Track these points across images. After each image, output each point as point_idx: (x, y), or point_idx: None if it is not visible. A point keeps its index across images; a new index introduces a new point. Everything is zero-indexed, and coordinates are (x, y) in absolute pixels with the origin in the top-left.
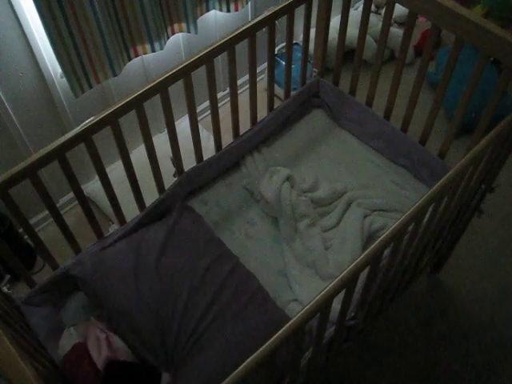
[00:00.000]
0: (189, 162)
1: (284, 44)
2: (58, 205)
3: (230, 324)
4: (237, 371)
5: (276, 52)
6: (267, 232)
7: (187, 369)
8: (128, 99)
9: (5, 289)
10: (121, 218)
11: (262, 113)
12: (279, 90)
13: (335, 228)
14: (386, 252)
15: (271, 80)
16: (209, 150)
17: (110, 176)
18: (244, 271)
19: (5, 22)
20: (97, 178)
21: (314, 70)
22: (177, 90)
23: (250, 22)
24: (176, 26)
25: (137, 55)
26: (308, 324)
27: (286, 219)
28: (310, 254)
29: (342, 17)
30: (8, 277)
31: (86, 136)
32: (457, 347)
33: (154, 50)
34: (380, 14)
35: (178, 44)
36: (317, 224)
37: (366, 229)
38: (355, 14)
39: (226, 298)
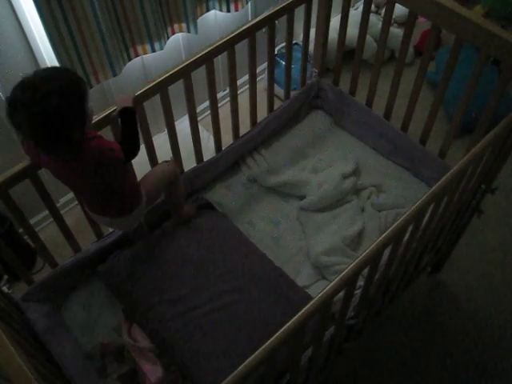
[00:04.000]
0: (189, 163)
1: (284, 44)
2: (57, 205)
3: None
4: (238, 370)
5: (276, 52)
6: (267, 233)
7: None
8: None
9: (5, 288)
10: None
11: (262, 113)
12: (279, 90)
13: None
14: (387, 252)
15: (271, 80)
16: (209, 150)
17: None
18: (265, 259)
19: (5, 22)
20: None
21: (314, 70)
22: (177, 90)
23: (250, 21)
24: (176, 26)
25: (137, 55)
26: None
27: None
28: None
29: (341, 17)
30: (6, 277)
31: None
32: (456, 347)
33: (154, 50)
34: (380, 14)
35: (178, 44)
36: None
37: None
38: (355, 13)
39: (250, 283)
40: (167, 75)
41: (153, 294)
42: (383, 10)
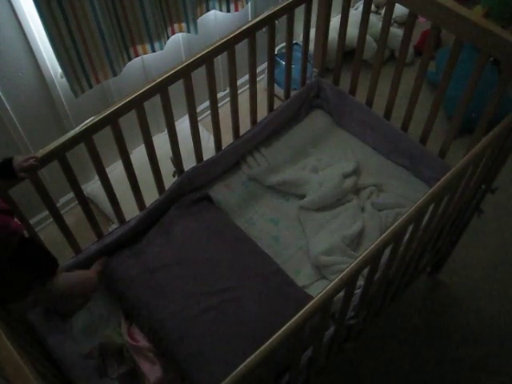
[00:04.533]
0: (189, 162)
1: (284, 44)
2: (58, 205)
3: (253, 305)
4: (238, 370)
5: (276, 52)
6: (267, 232)
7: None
8: (128, 99)
9: None
10: (121, 218)
11: (262, 113)
12: (279, 90)
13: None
14: (387, 252)
15: (271, 80)
16: (209, 150)
17: (110, 176)
18: (264, 255)
19: (5, 22)
20: (97, 178)
21: (314, 70)
22: (177, 90)
23: (250, 21)
24: (176, 25)
25: (137, 55)
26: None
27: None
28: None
29: (341, 17)
30: None
31: (86, 136)
32: (456, 347)
33: (154, 50)
34: (380, 13)
35: (178, 44)
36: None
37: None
38: (355, 14)
39: (248, 280)
40: (167, 75)
41: (150, 294)
42: (383, 10)
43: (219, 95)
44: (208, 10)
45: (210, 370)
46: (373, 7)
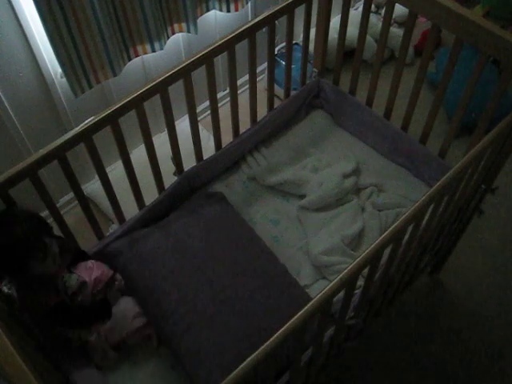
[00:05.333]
0: (189, 162)
1: (284, 44)
2: (58, 205)
3: (255, 303)
4: (237, 370)
5: (276, 52)
6: (267, 232)
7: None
8: (128, 99)
9: (5, 289)
10: (121, 218)
11: (262, 113)
12: (279, 90)
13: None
14: (387, 252)
15: (271, 80)
16: (209, 150)
17: (109, 176)
18: (270, 254)
19: (5, 22)
20: (97, 177)
21: (314, 69)
22: (177, 90)
23: (250, 21)
24: (176, 25)
25: (137, 55)
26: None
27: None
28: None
29: (341, 17)
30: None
31: (86, 136)
32: (457, 347)
33: (154, 50)
34: (380, 13)
35: (178, 44)
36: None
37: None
38: (355, 14)
39: (253, 278)
40: (167, 75)
41: (152, 286)
42: (383, 10)
43: (219, 95)
44: (208, 10)
45: (210, 367)
46: (373, 7)
